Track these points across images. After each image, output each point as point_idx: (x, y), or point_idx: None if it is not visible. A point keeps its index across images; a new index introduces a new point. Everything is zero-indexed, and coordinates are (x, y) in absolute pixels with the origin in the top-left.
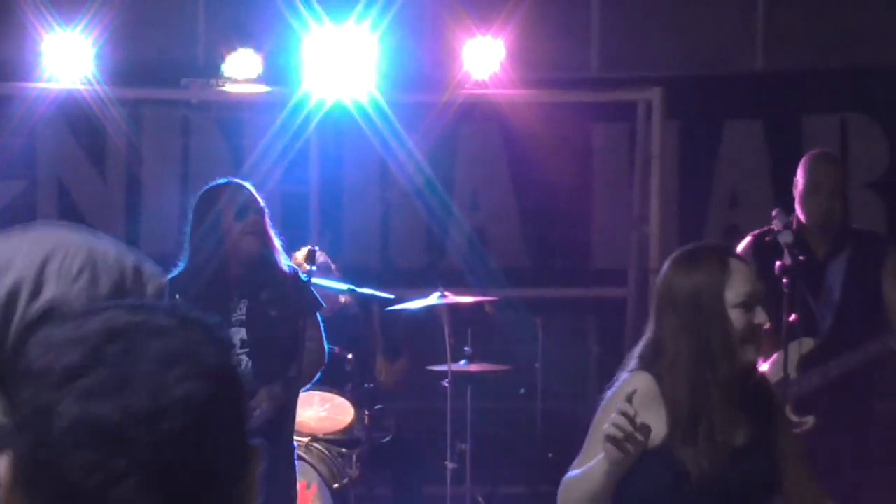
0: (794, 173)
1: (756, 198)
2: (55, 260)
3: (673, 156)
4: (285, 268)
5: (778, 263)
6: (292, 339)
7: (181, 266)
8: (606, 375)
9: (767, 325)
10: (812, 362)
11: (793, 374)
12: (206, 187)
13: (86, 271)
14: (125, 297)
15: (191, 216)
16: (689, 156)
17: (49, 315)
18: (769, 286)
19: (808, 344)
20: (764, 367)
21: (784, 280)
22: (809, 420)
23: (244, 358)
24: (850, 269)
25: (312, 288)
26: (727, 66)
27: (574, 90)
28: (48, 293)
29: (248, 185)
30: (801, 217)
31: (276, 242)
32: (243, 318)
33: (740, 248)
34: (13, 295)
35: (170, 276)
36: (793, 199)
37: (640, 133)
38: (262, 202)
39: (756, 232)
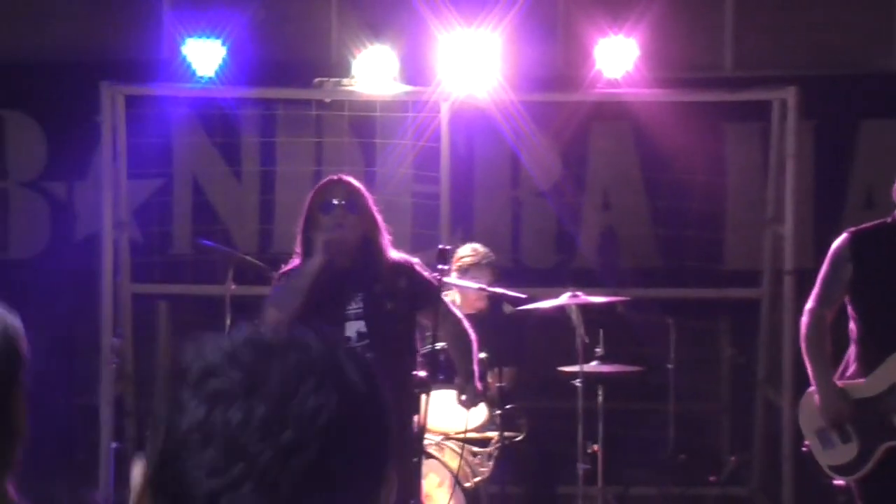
0: None
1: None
2: None
3: (808, 156)
4: (394, 259)
5: None
6: (408, 332)
7: (293, 263)
8: (739, 377)
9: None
10: None
11: None
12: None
13: None
14: (9, 339)
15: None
16: (825, 156)
17: None
18: (871, 285)
19: None
20: (861, 379)
21: None
22: None
23: (362, 350)
24: None
25: (431, 280)
26: (864, 65)
27: (707, 90)
28: None
29: (349, 179)
30: None
31: (381, 235)
32: (360, 310)
33: (835, 245)
34: None
35: (287, 269)
36: None
37: (774, 133)
38: (362, 197)
39: (853, 229)
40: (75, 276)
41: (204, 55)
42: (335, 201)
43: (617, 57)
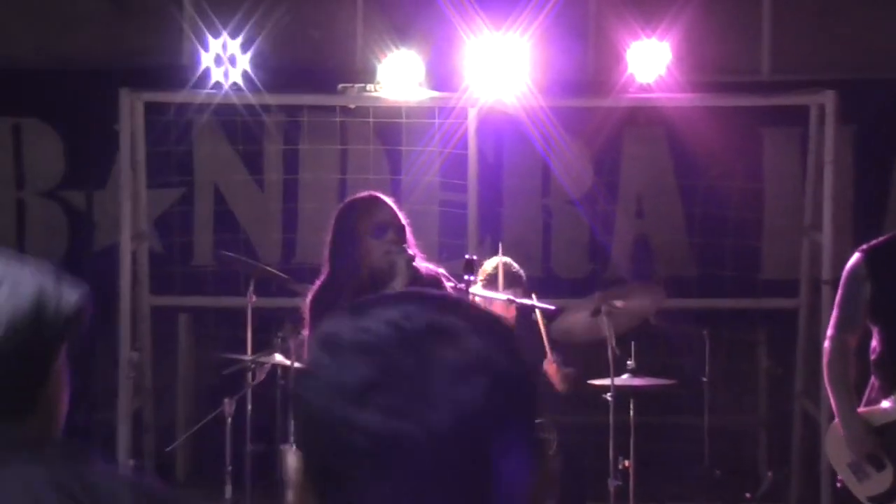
0: None
1: None
2: None
3: (847, 162)
4: (425, 272)
5: None
6: None
7: (322, 279)
8: (777, 390)
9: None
10: None
11: None
12: (347, 200)
13: (4, 281)
14: (44, 305)
15: (331, 228)
16: (865, 162)
17: None
18: (892, 303)
19: None
20: (885, 403)
21: None
22: None
23: None
24: None
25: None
26: None
27: (744, 94)
28: None
29: (388, 200)
30: None
31: (417, 258)
32: None
33: (849, 266)
34: None
35: (313, 289)
36: None
37: (812, 138)
38: (402, 218)
39: (865, 247)
40: (94, 288)
41: (226, 61)
42: (389, 226)
43: (649, 61)
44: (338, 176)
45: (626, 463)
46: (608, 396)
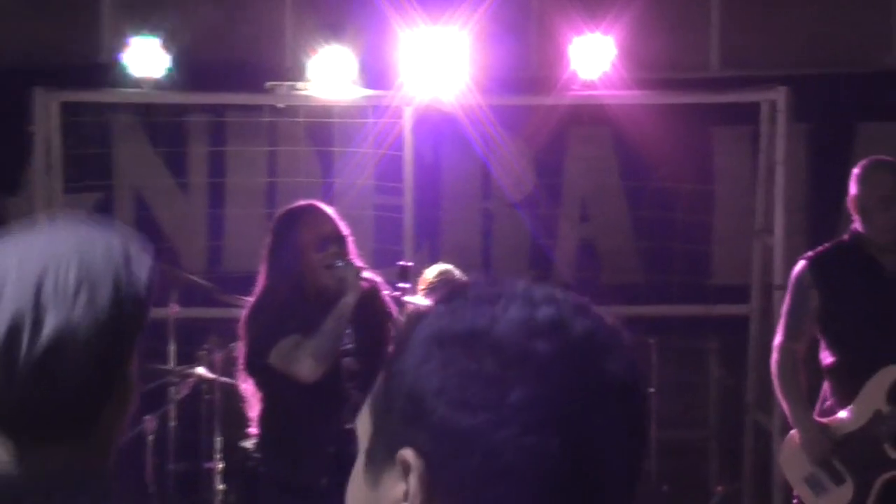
0: None
1: None
2: (49, 279)
3: (800, 161)
4: (368, 281)
5: None
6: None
7: (259, 291)
8: (728, 401)
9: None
10: None
11: (884, 408)
12: (285, 210)
13: (83, 287)
14: (122, 301)
15: (269, 239)
16: (819, 161)
17: (56, 349)
18: (839, 310)
19: (892, 372)
20: (843, 413)
21: None
22: None
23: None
24: None
25: (393, 301)
26: (860, 63)
27: (692, 91)
28: (51, 322)
29: (328, 209)
30: (865, 231)
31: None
32: (350, 346)
33: (794, 274)
34: (14, 330)
35: (249, 303)
36: None
37: (764, 137)
38: (344, 229)
39: (810, 254)
40: None
41: (148, 59)
42: (331, 239)
43: (593, 56)
44: (266, 179)
45: None
46: None
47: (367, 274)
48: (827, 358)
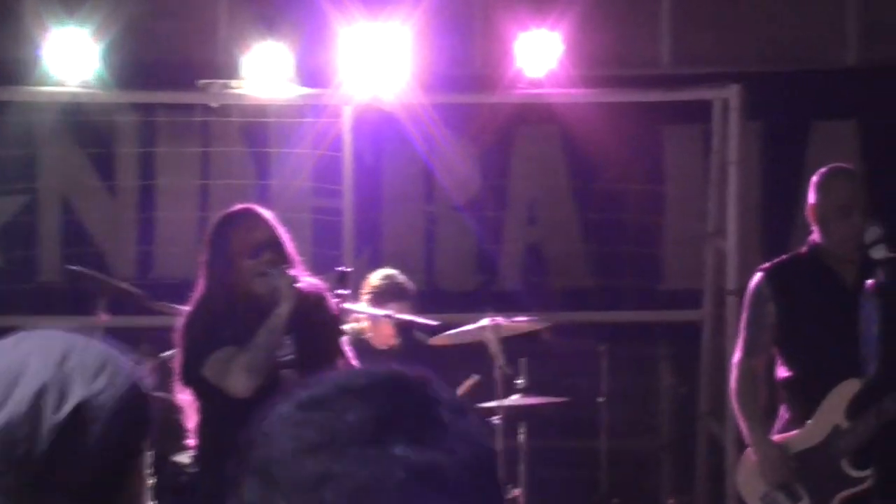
0: (893, 179)
1: None
2: (72, 357)
3: (754, 161)
4: (309, 288)
5: (870, 282)
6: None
7: (196, 299)
8: (679, 410)
9: None
10: (862, 405)
11: (843, 423)
12: (221, 215)
13: (105, 367)
14: (139, 387)
15: (205, 245)
16: (773, 161)
17: (81, 416)
18: (796, 324)
19: (851, 387)
20: (800, 429)
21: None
22: (871, 472)
23: None
24: (885, 296)
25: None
26: (814, 61)
27: (642, 89)
28: (77, 393)
29: (266, 213)
30: (824, 241)
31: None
32: (292, 357)
33: (751, 287)
34: (40, 396)
35: (188, 310)
36: (886, 208)
37: (716, 136)
38: (280, 233)
39: (766, 266)
40: None
41: (73, 55)
42: (265, 246)
43: (540, 53)
44: (199, 181)
45: (516, 492)
46: (496, 419)
47: (308, 279)
48: (784, 372)
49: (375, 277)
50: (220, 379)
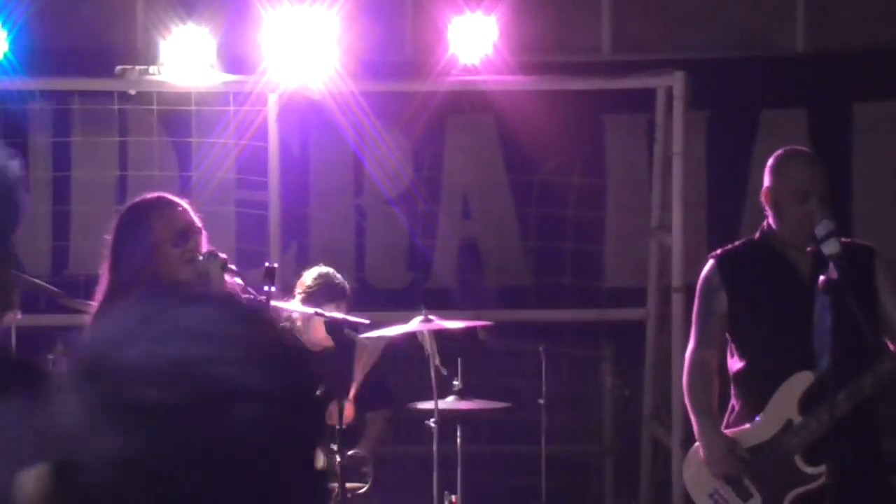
0: (845, 170)
1: None
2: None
3: (700, 152)
4: (231, 289)
5: (822, 278)
6: None
7: (102, 294)
8: (623, 413)
9: None
10: (815, 399)
11: (796, 417)
12: (132, 203)
13: None
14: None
15: (112, 236)
16: (720, 152)
17: None
18: (748, 313)
19: (804, 379)
20: (750, 423)
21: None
22: (824, 469)
23: None
24: (837, 292)
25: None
26: (763, 47)
27: (582, 76)
28: None
29: (182, 202)
30: (778, 228)
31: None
32: None
33: (702, 276)
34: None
35: (93, 307)
36: (839, 202)
37: (660, 126)
38: (198, 221)
39: (718, 252)
40: None
41: None
42: (189, 233)
43: (474, 38)
44: (117, 173)
45: (454, 499)
46: (432, 422)
47: (231, 268)
48: (735, 364)
49: (309, 276)
50: None
